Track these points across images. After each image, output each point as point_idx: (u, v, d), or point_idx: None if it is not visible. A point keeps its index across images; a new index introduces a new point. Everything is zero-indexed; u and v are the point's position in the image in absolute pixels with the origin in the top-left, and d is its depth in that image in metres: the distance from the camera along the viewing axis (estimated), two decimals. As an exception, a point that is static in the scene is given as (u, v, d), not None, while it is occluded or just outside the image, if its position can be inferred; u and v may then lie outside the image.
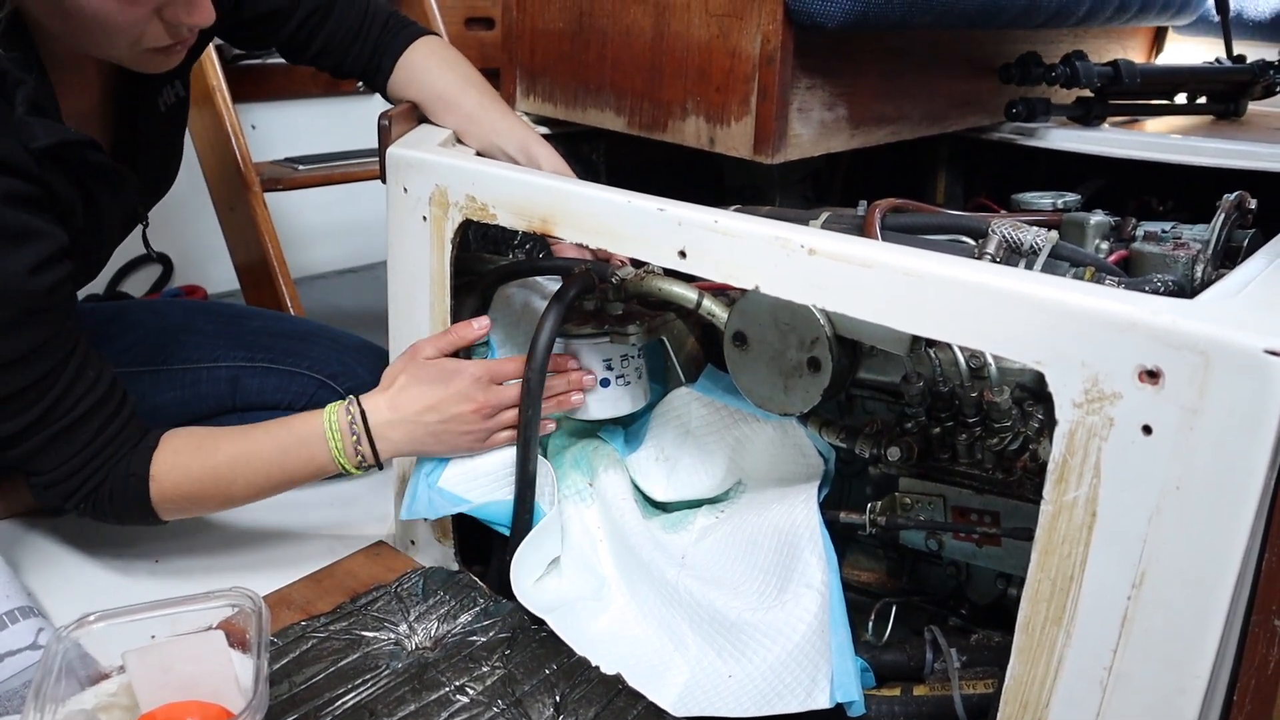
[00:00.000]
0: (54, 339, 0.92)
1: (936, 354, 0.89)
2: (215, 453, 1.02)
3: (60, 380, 0.94)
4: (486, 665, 0.94)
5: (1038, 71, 1.28)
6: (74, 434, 0.97)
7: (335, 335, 1.42)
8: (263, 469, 1.02)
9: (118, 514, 1.02)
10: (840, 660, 0.89)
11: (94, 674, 0.84)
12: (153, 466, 1.00)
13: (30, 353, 0.90)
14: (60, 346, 0.93)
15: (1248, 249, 1.02)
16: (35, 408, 0.93)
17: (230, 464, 1.02)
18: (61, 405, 0.95)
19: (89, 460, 0.98)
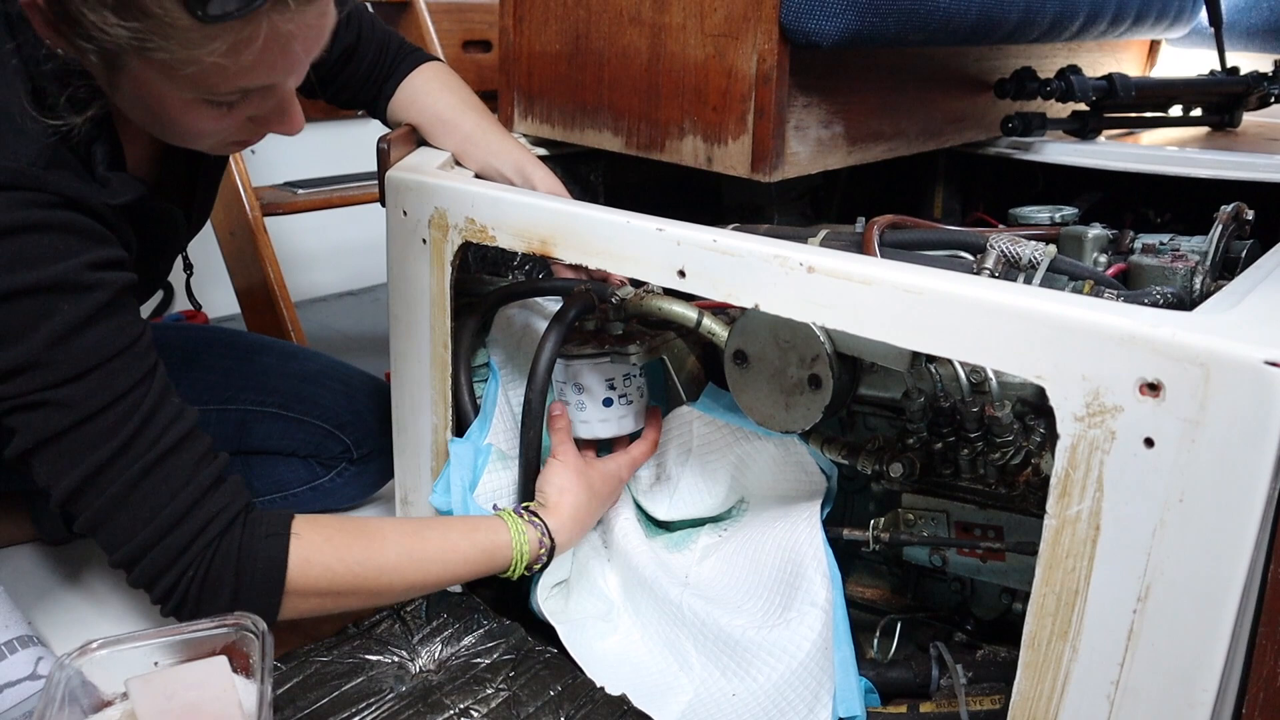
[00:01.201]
0: (130, 349, 0.80)
1: (937, 369, 0.89)
2: (383, 547, 0.90)
3: (144, 401, 0.79)
4: (491, 687, 0.94)
5: (1033, 86, 1.28)
6: (165, 472, 0.80)
7: (344, 376, 1.39)
8: (434, 572, 0.93)
9: (232, 596, 0.83)
10: (843, 676, 0.89)
11: (96, 701, 0.84)
12: (296, 550, 0.84)
13: (106, 360, 0.78)
14: (138, 360, 0.80)
15: (1246, 260, 1.02)
16: (113, 438, 0.78)
17: (398, 562, 0.90)
18: (146, 434, 0.79)
19: (189, 511, 0.81)
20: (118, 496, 0.79)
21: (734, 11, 0.97)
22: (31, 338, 0.74)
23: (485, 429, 1.10)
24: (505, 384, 1.12)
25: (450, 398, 1.10)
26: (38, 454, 0.78)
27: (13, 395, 0.76)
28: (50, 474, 0.78)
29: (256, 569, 0.83)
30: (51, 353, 0.75)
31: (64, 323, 0.76)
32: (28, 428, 0.77)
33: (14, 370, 0.75)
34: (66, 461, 0.78)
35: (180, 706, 0.81)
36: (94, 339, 0.77)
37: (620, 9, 1.06)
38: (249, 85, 0.79)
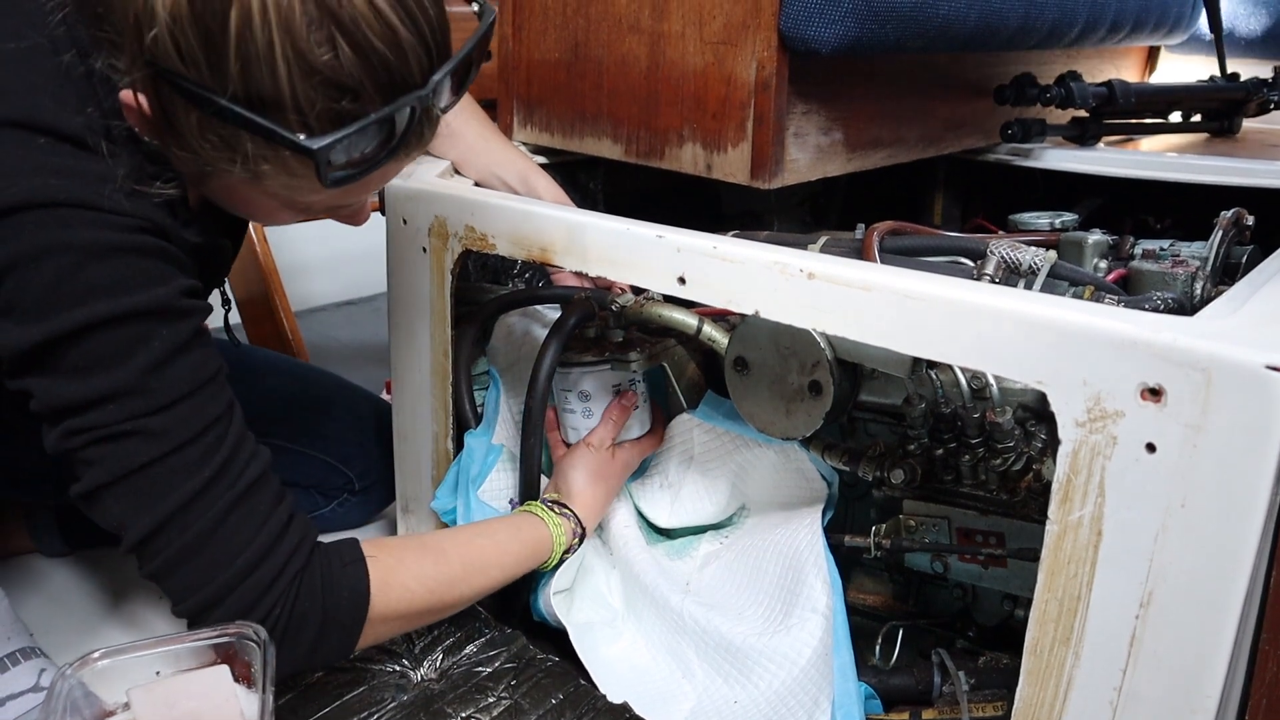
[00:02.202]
0: (214, 379, 0.77)
1: (938, 375, 0.89)
2: (448, 560, 0.90)
3: (228, 434, 0.77)
4: (493, 696, 0.93)
5: (1032, 92, 1.28)
6: (249, 508, 0.77)
7: (352, 402, 1.37)
8: (494, 576, 0.94)
9: (318, 631, 0.80)
10: (843, 682, 0.89)
11: (98, 712, 0.84)
12: (374, 575, 0.82)
13: (197, 390, 0.75)
14: (221, 392, 0.78)
15: (1246, 265, 1.02)
16: (201, 472, 0.74)
17: (463, 572, 0.91)
18: (231, 469, 0.76)
19: (271, 548, 0.78)
20: (203, 534, 0.75)
21: (733, 19, 0.97)
22: (128, 364, 0.71)
23: (486, 436, 1.10)
24: (506, 391, 1.12)
25: (451, 406, 1.10)
26: (116, 489, 0.73)
27: (100, 424, 0.72)
28: (128, 510, 0.74)
29: (341, 600, 0.81)
30: (147, 379, 0.72)
31: (161, 349, 0.73)
32: (111, 459, 0.73)
33: (105, 397, 0.71)
34: (150, 497, 0.74)
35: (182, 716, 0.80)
36: (186, 367, 0.75)
37: (619, 17, 1.06)
38: (343, 204, 0.80)
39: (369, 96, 0.68)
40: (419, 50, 0.69)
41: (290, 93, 0.65)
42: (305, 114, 0.66)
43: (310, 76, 0.65)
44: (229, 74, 0.64)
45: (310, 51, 0.65)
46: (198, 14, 0.63)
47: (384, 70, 0.68)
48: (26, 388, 0.72)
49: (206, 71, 0.65)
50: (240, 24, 0.63)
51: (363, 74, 0.67)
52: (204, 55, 0.64)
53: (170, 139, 0.71)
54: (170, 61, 0.65)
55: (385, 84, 0.68)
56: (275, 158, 0.69)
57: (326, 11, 0.65)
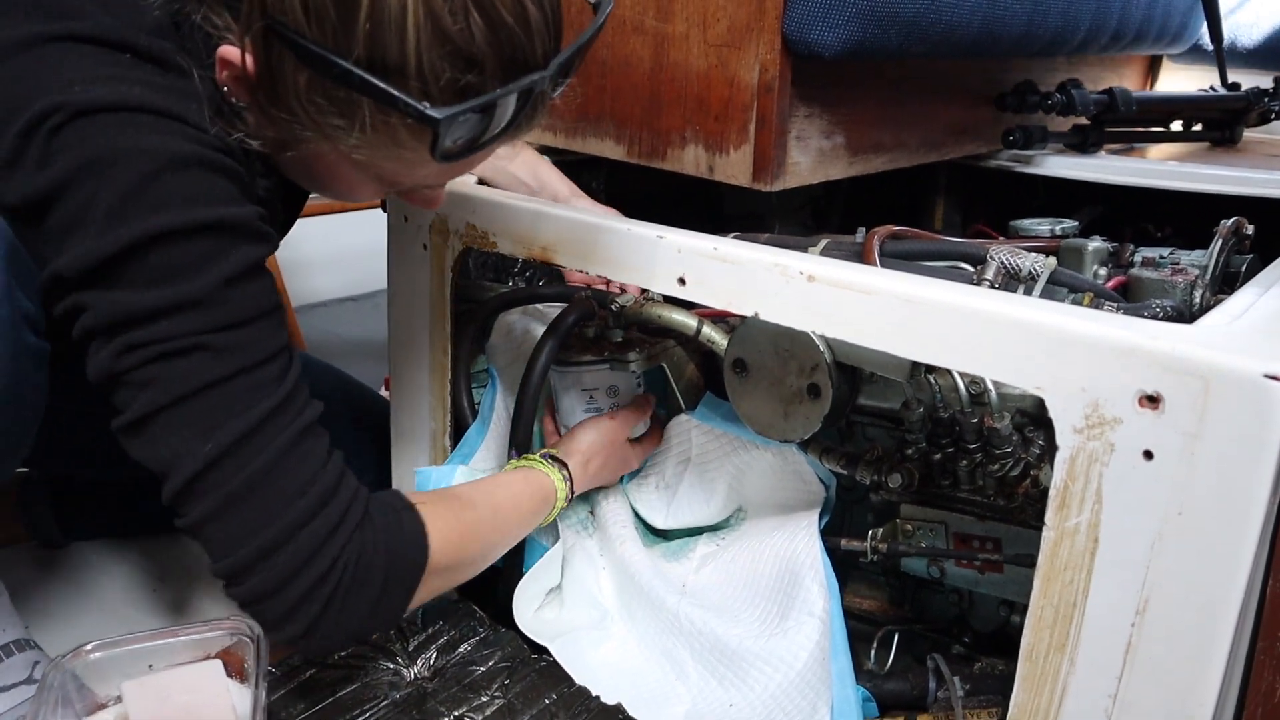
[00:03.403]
0: (279, 309, 0.73)
1: (936, 380, 0.89)
2: (478, 506, 0.87)
3: (292, 365, 0.73)
4: (485, 695, 0.93)
5: (1034, 99, 1.29)
6: (310, 444, 0.72)
7: (351, 398, 1.36)
8: (513, 528, 0.92)
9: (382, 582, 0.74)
10: (841, 688, 0.89)
11: (90, 704, 0.84)
12: (427, 519, 0.79)
13: (266, 314, 0.71)
14: (284, 324, 0.74)
15: (1246, 274, 1.02)
16: (268, 397, 0.70)
17: (494, 519, 0.89)
18: (295, 400, 0.72)
19: (337, 486, 0.73)
20: (264, 468, 0.69)
21: (737, 21, 0.97)
22: (201, 275, 0.67)
23: (483, 434, 1.09)
24: (504, 390, 1.12)
25: (449, 404, 1.10)
26: (171, 413, 0.67)
27: (163, 337, 0.66)
28: (183, 439, 0.68)
29: (404, 547, 0.76)
30: (220, 293, 0.67)
31: (235, 265, 0.68)
32: (169, 379, 0.67)
33: (173, 308, 0.66)
34: (208, 423, 0.68)
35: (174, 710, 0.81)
36: (257, 290, 0.70)
37: (623, 18, 1.06)
38: (432, 183, 0.78)
39: (491, 72, 0.66)
40: (544, 31, 0.69)
41: (416, 60, 0.64)
42: (428, 83, 0.65)
43: (441, 45, 0.64)
44: (356, 35, 0.63)
45: (443, 18, 0.63)
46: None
47: (510, 46, 0.67)
48: (80, 303, 0.67)
49: (333, 31, 0.63)
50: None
51: (490, 48, 0.66)
52: (335, 13, 0.62)
53: (268, 100, 0.69)
54: (293, 17, 0.63)
55: (509, 61, 0.67)
56: (386, 126, 0.67)
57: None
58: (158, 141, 0.67)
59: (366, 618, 0.74)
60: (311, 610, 0.71)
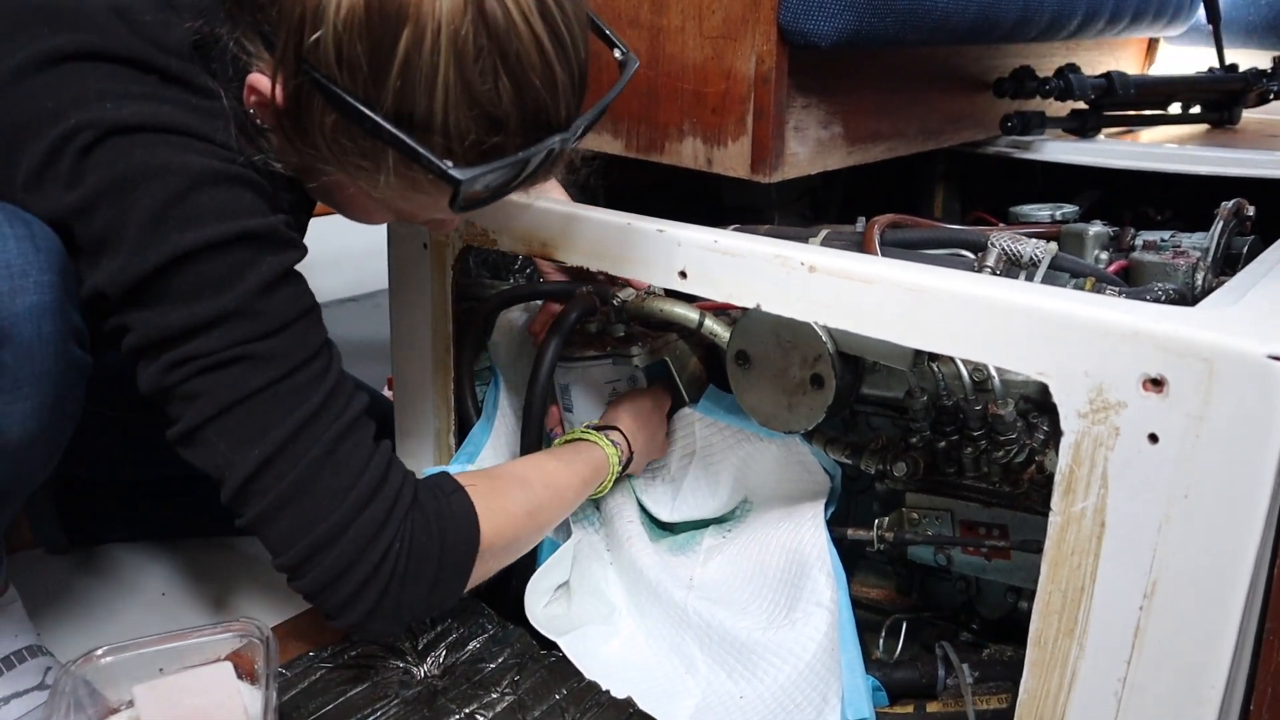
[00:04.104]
0: (314, 310, 0.76)
1: (939, 368, 0.89)
2: (530, 485, 0.89)
3: (332, 363, 0.76)
4: (496, 692, 0.94)
5: (1032, 85, 1.28)
6: (357, 438, 0.75)
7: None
8: (570, 496, 0.94)
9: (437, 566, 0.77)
10: (851, 677, 0.89)
11: (102, 708, 0.84)
12: (477, 500, 0.81)
13: (302, 316, 0.74)
14: (320, 324, 0.77)
15: (1247, 256, 1.02)
16: (311, 397, 0.72)
17: (549, 493, 0.90)
18: (338, 397, 0.75)
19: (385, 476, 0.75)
20: (315, 464, 0.72)
21: (732, 13, 0.97)
22: (236, 287, 0.70)
23: (488, 432, 1.10)
24: (507, 387, 1.12)
25: (453, 402, 1.10)
26: (222, 422, 0.71)
27: (207, 351, 0.70)
28: (235, 444, 0.71)
29: (456, 530, 0.78)
30: (255, 302, 0.71)
31: (268, 273, 0.71)
32: (217, 389, 0.70)
33: (213, 322, 0.69)
34: (258, 427, 0.71)
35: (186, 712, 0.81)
36: (292, 294, 0.74)
37: (619, 11, 1.06)
38: (449, 218, 0.80)
39: (515, 131, 0.67)
40: (569, 91, 0.69)
41: (443, 118, 0.65)
42: (452, 141, 0.66)
43: (468, 106, 0.65)
44: (386, 88, 0.64)
45: (473, 83, 0.64)
46: (372, 25, 0.63)
47: (535, 109, 0.68)
48: (125, 324, 0.70)
49: (364, 82, 0.64)
50: (411, 43, 0.63)
51: (516, 109, 0.67)
52: (366, 67, 0.64)
53: (294, 133, 0.70)
54: (326, 65, 0.64)
55: (533, 123, 0.68)
56: (408, 174, 0.69)
57: (496, 44, 0.64)
58: (185, 159, 0.69)
59: (425, 599, 0.77)
60: (369, 597, 0.74)
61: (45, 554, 1.26)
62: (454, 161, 0.66)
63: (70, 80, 0.69)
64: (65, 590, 1.21)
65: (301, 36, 0.64)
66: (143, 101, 0.69)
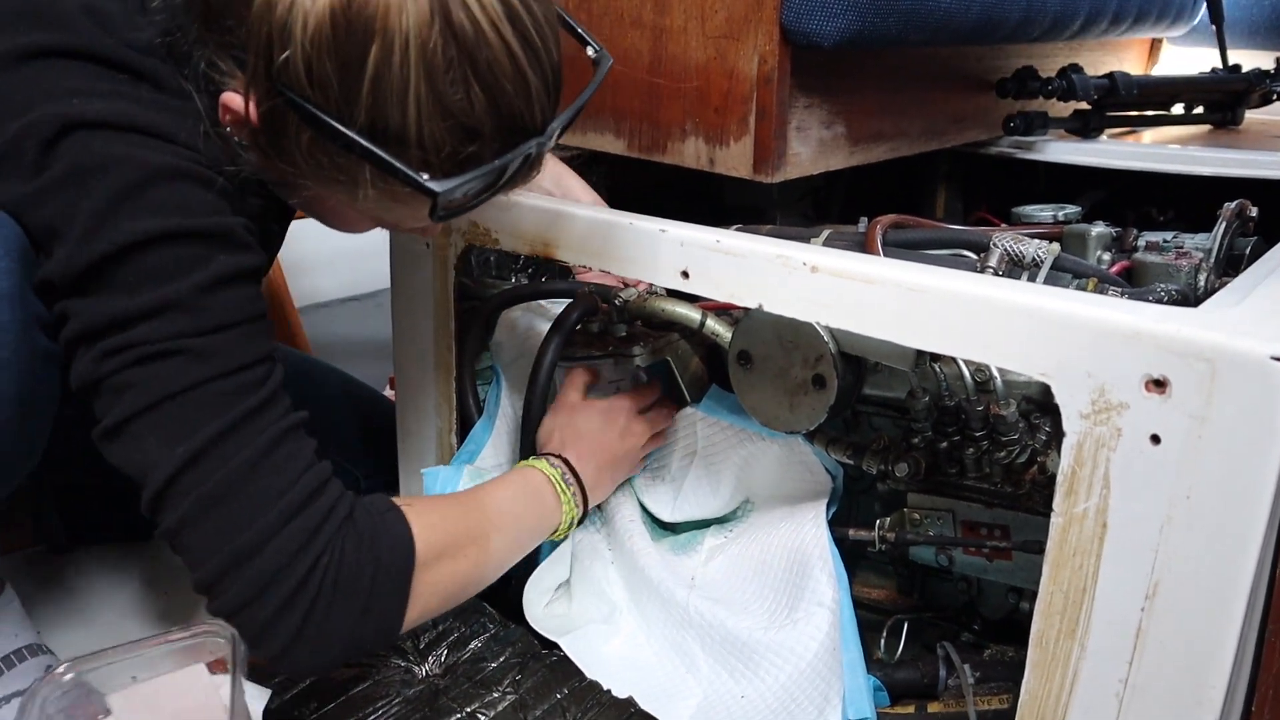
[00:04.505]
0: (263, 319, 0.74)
1: (941, 368, 0.89)
2: (461, 503, 0.87)
3: (273, 374, 0.73)
4: (497, 691, 0.94)
5: (1034, 85, 1.28)
6: (291, 449, 0.72)
7: (356, 398, 1.35)
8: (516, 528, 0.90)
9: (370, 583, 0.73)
10: (852, 678, 0.89)
11: (82, 719, 0.84)
12: (413, 519, 0.77)
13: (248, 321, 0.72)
14: (267, 334, 0.74)
15: (1250, 256, 1.02)
16: (245, 400, 0.69)
17: (494, 520, 0.86)
18: (275, 406, 0.72)
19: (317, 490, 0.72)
20: (244, 468, 0.68)
21: (735, 13, 0.97)
22: (183, 280, 0.68)
23: (489, 431, 1.10)
24: (509, 387, 1.12)
25: (455, 402, 1.10)
26: (150, 416, 0.68)
27: (143, 341, 0.67)
28: (162, 440, 0.68)
29: (390, 546, 0.74)
30: (199, 297, 0.68)
31: (217, 271, 0.69)
32: (152, 380, 0.67)
33: (154, 311, 0.67)
34: (187, 423, 0.68)
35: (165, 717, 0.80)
36: (240, 297, 0.71)
37: (621, 12, 1.06)
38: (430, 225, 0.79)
39: (489, 138, 0.67)
40: (543, 95, 0.69)
41: (417, 130, 0.65)
42: (428, 153, 0.66)
43: (441, 117, 0.65)
44: (358, 104, 0.64)
45: (445, 94, 0.64)
46: (339, 42, 0.62)
47: (509, 115, 0.67)
48: (65, 312, 0.69)
49: (336, 99, 0.64)
50: (380, 57, 0.63)
51: (490, 118, 0.67)
52: (337, 84, 0.63)
53: (271, 150, 0.70)
54: (297, 83, 0.64)
55: (508, 129, 0.68)
56: (386, 187, 0.68)
57: (465, 54, 0.64)
58: (145, 155, 0.69)
59: (356, 625, 0.72)
60: (294, 618, 0.69)
61: (47, 553, 1.26)
62: (430, 173, 0.66)
63: (41, 76, 0.69)
64: (67, 590, 1.21)
65: (271, 56, 0.64)
66: (111, 99, 0.69)
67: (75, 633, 1.10)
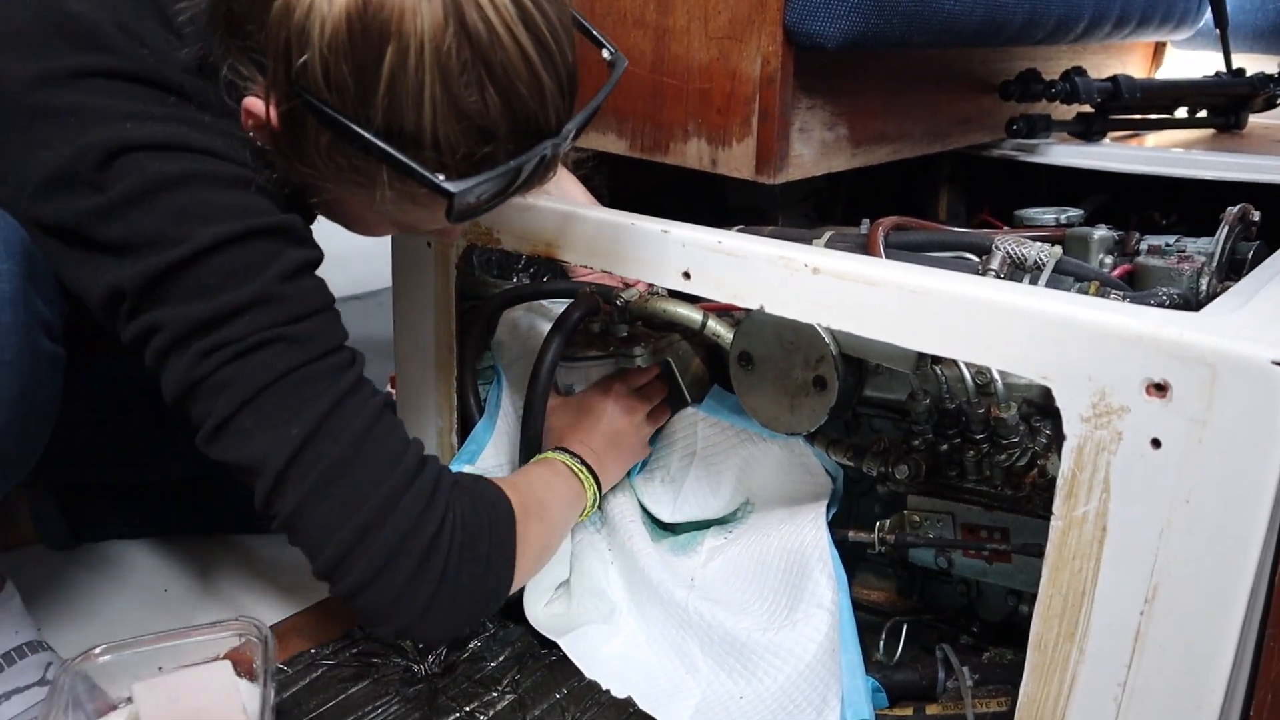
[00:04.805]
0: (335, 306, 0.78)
1: (942, 371, 0.89)
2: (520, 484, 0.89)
3: (358, 355, 0.76)
4: (496, 690, 0.94)
5: (1038, 88, 1.28)
6: (390, 422, 0.76)
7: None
8: (561, 501, 0.93)
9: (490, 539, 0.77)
10: (851, 679, 0.89)
11: (101, 706, 0.84)
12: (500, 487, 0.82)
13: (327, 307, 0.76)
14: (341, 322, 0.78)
15: (1252, 261, 1.01)
16: (342, 379, 0.73)
17: (542, 493, 0.90)
18: (366, 385, 0.75)
19: (424, 456, 0.76)
20: (357, 438, 0.72)
21: (738, 14, 0.97)
22: (262, 274, 0.71)
23: (490, 431, 1.10)
24: (510, 386, 1.12)
25: (455, 401, 1.10)
26: (258, 405, 0.70)
27: (238, 337, 0.70)
28: (272, 426, 0.70)
29: (496, 504, 0.79)
30: (283, 287, 0.72)
31: (291, 263, 0.73)
32: (251, 372, 0.70)
33: (243, 307, 0.70)
34: (295, 406, 0.71)
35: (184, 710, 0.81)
36: (315, 285, 0.75)
37: (624, 12, 1.06)
38: (449, 228, 0.80)
39: (505, 139, 0.68)
40: (557, 96, 0.70)
41: (432, 132, 0.66)
42: (444, 154, 0.67)
43: (456, 119, 0.66)
44: (374, 106, 0.65)
45: (460, 96, 0.65)
46: (355, 46, 0.63)
47: (524, 116, 0.68)
48: (153, 323, 0.70)
49: (352, 101, 0.65)
50: (395, 60, 0.63)
51: (505, 119, 0.67)
52: (353, 86, 0.64)
53: (292, 153, 0.71)
54: (316, 86, 0.65)
55: (523, 131, 0.69)
56: (404, 188, 0.69)
57: (480, 56, 0.65)
58: (201, 167, 0.71)
59: (480, 583, 0.76)
60: (429, 582, 0.73)
61: (48, 550, 1.26)
62: (446, 174, 0.67)
63: (92, 97, 0.71)
64: (68, 586, 1.21)
65: (290, 60, 0.65)
66: (164, 123, 0.71)
67: (76, 630, 1.10)
